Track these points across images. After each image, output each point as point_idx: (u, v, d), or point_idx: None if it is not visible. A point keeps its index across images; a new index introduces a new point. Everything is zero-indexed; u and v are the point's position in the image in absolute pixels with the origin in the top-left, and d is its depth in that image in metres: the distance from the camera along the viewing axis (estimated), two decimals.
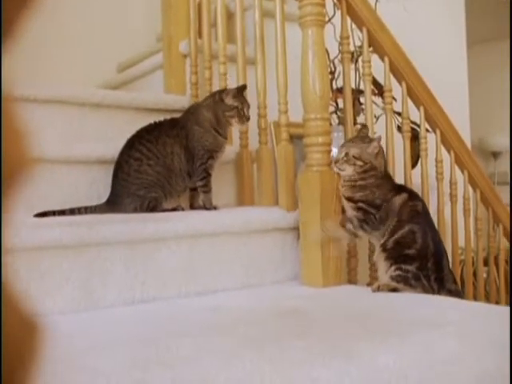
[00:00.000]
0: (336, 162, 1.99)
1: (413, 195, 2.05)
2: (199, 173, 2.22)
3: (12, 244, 1.56)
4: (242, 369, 1.14)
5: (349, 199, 2.00)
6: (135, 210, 2.14)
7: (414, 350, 1.24)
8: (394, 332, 1.40)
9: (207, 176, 2.23)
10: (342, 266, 2.07)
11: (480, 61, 6.62)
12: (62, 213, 2.05)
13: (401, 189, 2.05)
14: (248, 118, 2.26)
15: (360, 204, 1.98)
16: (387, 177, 2.04)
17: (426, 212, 2.05)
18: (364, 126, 2.11)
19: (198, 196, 2.29)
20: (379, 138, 1.99)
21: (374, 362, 1.16)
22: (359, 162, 1.96)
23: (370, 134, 2.08)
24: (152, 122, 2.28)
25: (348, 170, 1.98)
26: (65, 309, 1.67)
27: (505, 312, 1.64)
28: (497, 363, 1.15)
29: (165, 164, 2.18)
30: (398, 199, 1.99)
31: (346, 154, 1.96)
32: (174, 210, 2.19)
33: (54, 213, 2.04)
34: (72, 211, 2.08)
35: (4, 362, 0.35)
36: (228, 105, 2.23)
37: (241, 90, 2.27)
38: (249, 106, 2.27)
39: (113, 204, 2.16)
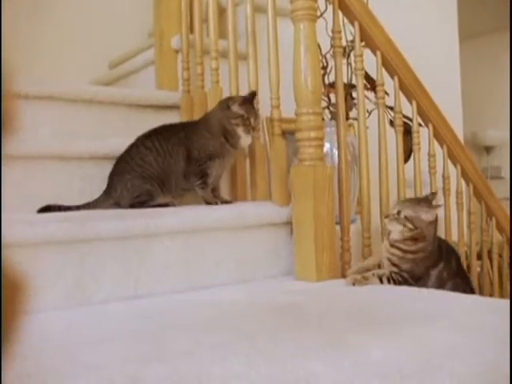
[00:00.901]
0: (386, 216, 2.00)
1: (448, 258, 2.08)
2: (196, 172, 2.21)
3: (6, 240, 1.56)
4: (237, 363, 1.13)
5: (394, 265, 2.00)
6: (126, 200, 2.14)
7: (409, 344, 1.24)
8: (388, 325, 1.41)
9: (204, 176, 2.21)
10: (335, 260, 2.07)
11: (472, 55, 6.63)
12: (68, 208, 2.07)
13: (440, 256, 2.05)
14: (254, 129, 2.23)
15: (404, 274, 1.98)
16: (435, 247, 2.03)
17: (458, 264, 2.13)
18: (434, 193, 2.12)
19: (218, 190, 2.31)
20: (437, 208, 2.00)
21: (368, 355, 1.16)
22: (409, 225, 1.96)
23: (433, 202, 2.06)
24: (172, 122, 2.32)
25: (396, 228, 1.98)
26: (58, 305, 1.67)
27: (500, 305, 1.65)
28: (495, 356, 1.15)
29: (169, 163, 2.18)
30: (435, 271, 2.02)
31: (398, 213, 1.97)
32: (166, 205, 2.18)
33: (59, 208, 2.06)
34: (78, 207, 2.09)
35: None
36: (234, 112, 2.21)
37: (250, 98, 2.25)
38: (256, 117, 2.25)
39: (109, 188, 2.18)
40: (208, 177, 2.22)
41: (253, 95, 2.27)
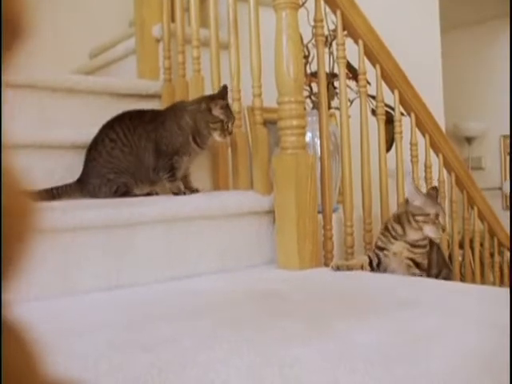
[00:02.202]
0: (425, 221, 2.01)
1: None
2: (166, 167, 2.17)
3: None
4: (221, 349, 1.13)
5: (417, 264, 2.02)
6: (105, 194, 2.12)
7: (393, 328, 1.24)
8: (372, 311, 1.41)
9: (173, 169, 2.18)
10: (317, 248, 2.07)
11: (453, 47, 6.65)
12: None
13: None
14: (230, 133, 2.21)
15: (424, 274, 2.03)
16: None
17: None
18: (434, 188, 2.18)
19: (189, 177, 2.28)
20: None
21: (353, 339, 1.16)
22: (444, 227, 2.04)
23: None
24: (138, 108, 2.27)
25: (431, 230, 2.03)
26: (40, 295, 1.65)
27: (483, 291, 1.67)
28: (480, 340, 1.15)
29: (137, 155, 2.15)
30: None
31: (437, 216, 2.01)
32: (148, 195, 2.17)
33: None
34: (46, 191, 2.06)
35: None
36: (214, 116, 2.18)
37: (227, 100, 2.23)
38: (234, 121, 2.22)
39: (82, 183, 2.14)
40: (177, 170, 2.19)
41: (226, 90, 2.25)
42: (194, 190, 2.22)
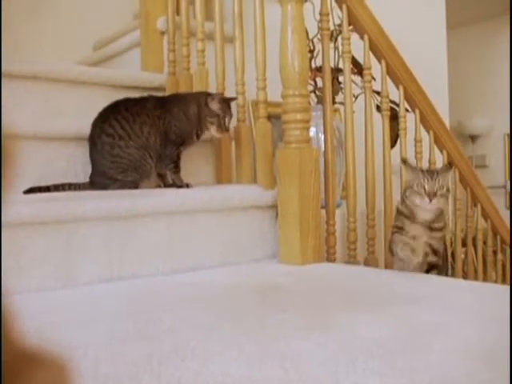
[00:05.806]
0: (433, 195, 1.77)
1: None
2: (171, 156, 2.17)
3: None
4: (220, 341, 1.13)
5: (434, 251, 1.90)
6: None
7: (394, 322, 1.24)
8: (373, 306, 1.41)
9: (177, 160, 2.19)
10: (320, 244, 2.06)
11: (459, 44, 6.63)
12: (47, 189, 2.02)
13: None
14: (227, 129, 2.22)
15: (439, 260, 1.91)
16: None
17: None
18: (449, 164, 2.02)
19: (167, 174, 2.25)
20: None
21: (353, 333, 1.16)
22: (448, 194, 1.82)
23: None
24: (132, 96, 2.24)
25: (442, 204, 1.82)
26: (42, 286, 1.65)
27: (482, 288, 1.66)
28: (479, 334, 1.15)
29: (136, 143, 2.12)
30: None
31: (442, 187, 1.78)
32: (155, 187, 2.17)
33: (39, 189, 2.01)
34: (56, 187, 2.05)
35: None
36: (211, 110, 2.19)
37: (228, 99, 2.24)
38: (231, 117, 2.23)
39: (95, 184, 2.12)
40: (179, 161, 2.20)
41: (233, 99, 2.27)
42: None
